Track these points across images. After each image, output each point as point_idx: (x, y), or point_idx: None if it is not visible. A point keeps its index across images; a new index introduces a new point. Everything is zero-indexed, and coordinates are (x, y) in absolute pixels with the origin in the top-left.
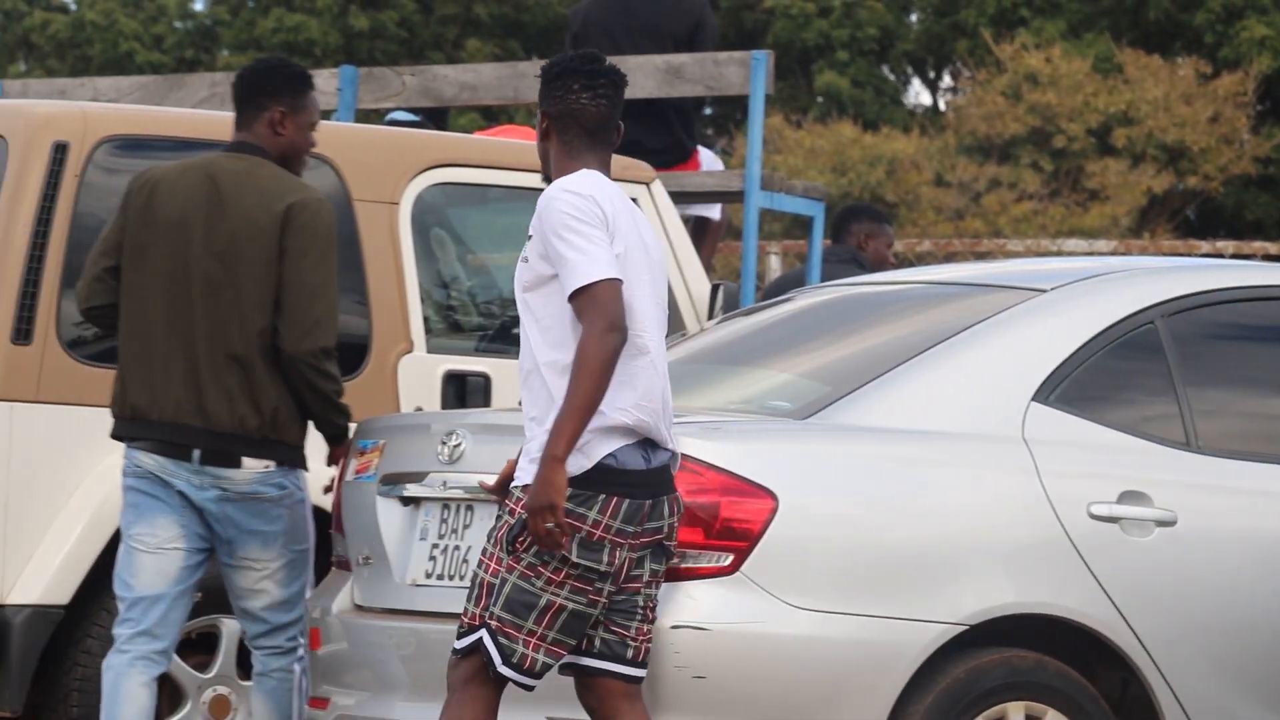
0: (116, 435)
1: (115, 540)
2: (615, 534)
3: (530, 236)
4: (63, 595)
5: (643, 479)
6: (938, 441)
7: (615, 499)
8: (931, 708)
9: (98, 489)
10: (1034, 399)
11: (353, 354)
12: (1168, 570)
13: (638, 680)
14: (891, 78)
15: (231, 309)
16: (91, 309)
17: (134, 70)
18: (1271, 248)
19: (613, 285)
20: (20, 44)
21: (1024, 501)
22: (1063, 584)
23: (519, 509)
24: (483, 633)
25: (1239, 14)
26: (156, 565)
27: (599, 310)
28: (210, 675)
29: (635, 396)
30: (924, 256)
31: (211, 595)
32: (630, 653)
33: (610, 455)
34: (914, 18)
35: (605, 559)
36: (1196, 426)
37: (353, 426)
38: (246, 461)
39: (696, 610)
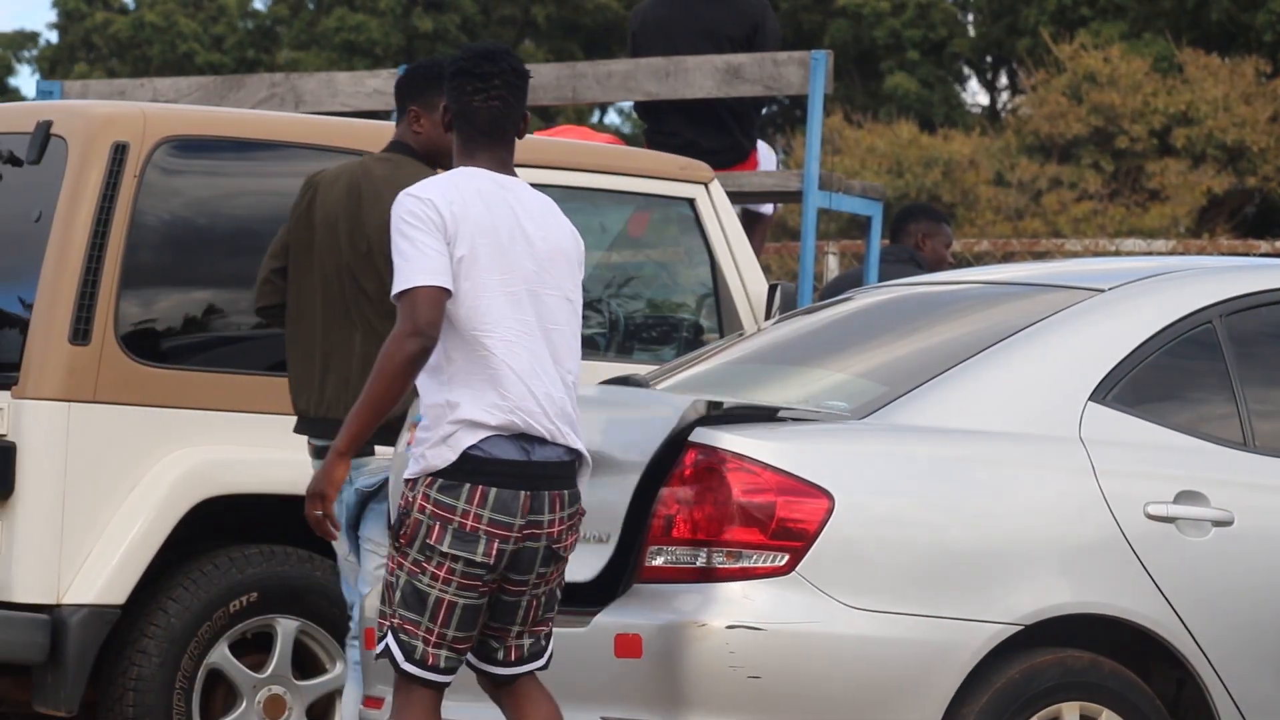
0: (297, 430)
1: (171, 540)
2: (489, 524)
3: None
4: (119, 595)
5: (517, 469)
6: (994, 441)
7: (481, 488)
8: (986, 708)
9: (154, 489)
10: (1091, 399)
11: None
12: (1224, 570)
13: (507, 680)
14: (950, 79)
15: (375, 307)
16: (261, 309)
17: (194, 70)
18: None
19: (427, 292)
20: (82, 44)
21: (1080, 501)
22: (1118, 584)
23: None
24: (389, 632)
25: None
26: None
27: (406, 315)
28: (265, 675)
29: (494, 397)
30: (982, 256)
31: (268, 595)
32: (501, 652)
33: (475, 446)
34: (970, 18)
35: (482, 550)
36: (1253, 426)
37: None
38: (378, 449)
39: (752, 610)
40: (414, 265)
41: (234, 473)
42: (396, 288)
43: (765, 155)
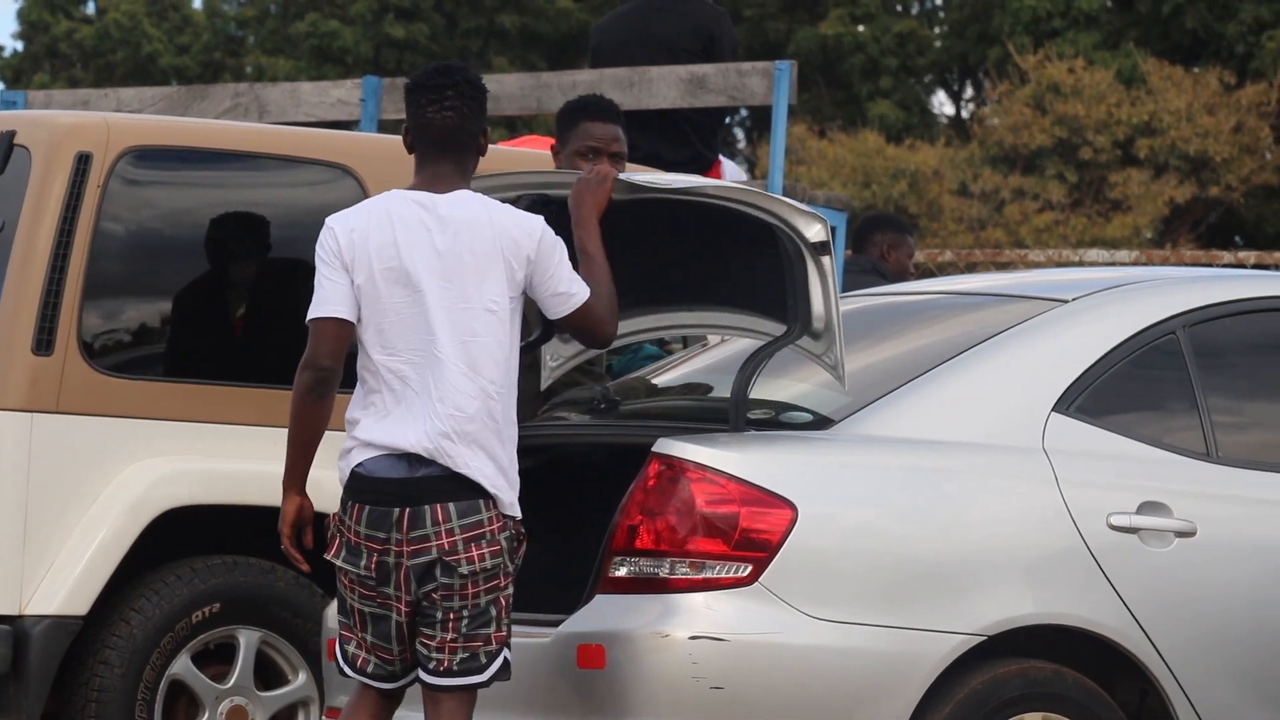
0: None
1: (134, 551)
2: (366, 539)
3: None
4: (81, 606)
5: (394, 487)
6: (958, 452)
7: (358, 505)
8: (949, 718)
9: (117, 500)
10: (1054, 409)
11: None
12: (1187, 581)
13: (444, 689)
14: (922, 93)
15: None
16: None
17: (158, 74)
18: None
19: (319, 326)
20: (46, 53)
21: (1043, 512)
22: (1082, 595)
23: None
24: (337, 640)
25: (1270, 25)
26: None
27: (306, 348)
28: (228, 686)
29: (388, 417)
30: (945, 267)
31: (230, 606)
32: (432, 663)
33: (361, 465)
34: (938, 30)
35: (363, 563)
36: (1217, 437)
37: None
38: None
39: (715, 621)
40: (315, 298)
41: (197, 484)
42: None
43: (729, 168)
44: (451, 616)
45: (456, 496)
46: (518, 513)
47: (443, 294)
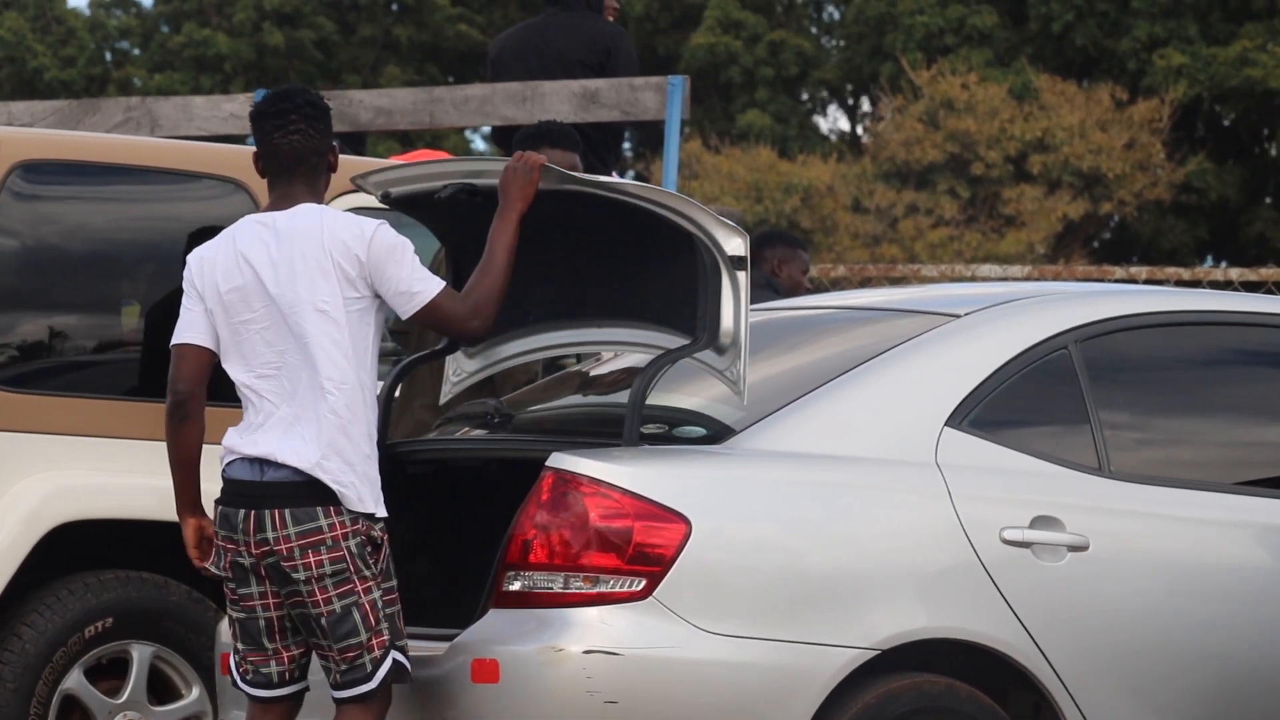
0: None
1: (26, 565)
2: (222, 539)
3: None
4: None
5: (242, 489)
6: (852, 466)
7: (216, 506)
8: None
9: (10, 514)
10: (947, 424)
11: None
12: (1079, 594)
13: (340, 701)
14: (809, 105)
15: None
16: None
17: (44, 89)
18: (1185, 274)
19: (176, 351)
20: None
21: (937, 526)
22: (975, 609)
23: None
24: None
25: (1163, 42)
26: None
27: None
28: (121, 700)
29: (242, 424)
30: (839, 282)
31: (123, 620)
32: (330, 678)
33: (224, 469)
34: (833, 44)
35: (220, 564)
36: (1109, 451)
37: None
38: None
39: (609, 635)
40: (176, 326)
41: (89, 498)
42: None
43: None
44: (316, 624)
45: (295, 503)
46: (373, 510)
47: (279, 303)
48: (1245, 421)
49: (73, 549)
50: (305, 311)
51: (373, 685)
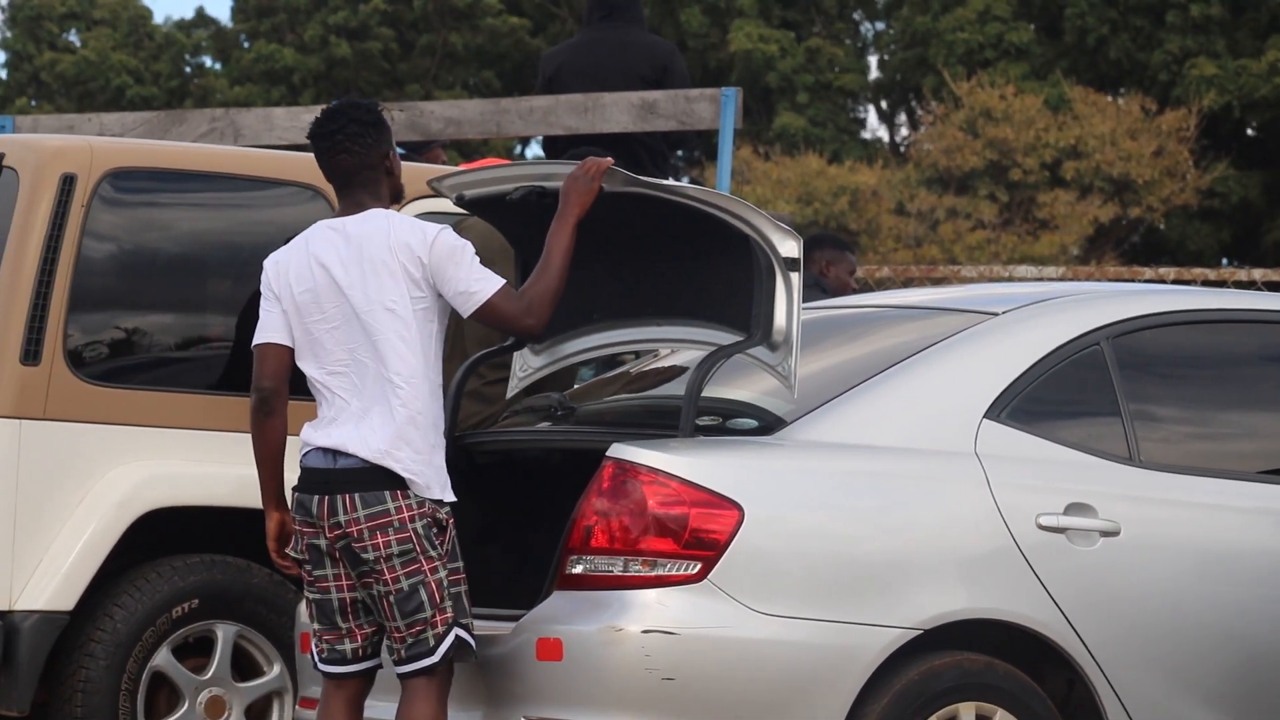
0: None
1: (117, 550)
2: (299, 524)
3: None
4: (68, 602)
5: (315, 477)
6: (895, 456)
7: (293, 493)
8: (887, 708)
9: (101, 502)
10: (986, 416)
11: None
12: (1111, 578)
13: (404, 675)
14: (853, 113)
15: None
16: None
17: (129, 103)
18: (1210, 274)
19: (258, 351)
20: (31, 81)
21: (976, 513)
22: (1012, 591)
23: None
24: None
25: (1193, 54)
26: None
27: None
28: (206, 677)
29: (317, 417)
30: (884, 282)
31: (208, 601)
32: (393, 655)
33: (302, 458)
34: (874, 59)
35: (299, 548)
36: (1139, 442)
37: None
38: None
39: (666, 615)
40: (257, 327)
41: (176, 486)
42: None
43: None
44: (384, 603)
45: (364, 487)
46: (439, 496)
47: (349, 304)
48: (1269, 413)
49: (161, 534)
50: (375, 311)
51: (435, 659)
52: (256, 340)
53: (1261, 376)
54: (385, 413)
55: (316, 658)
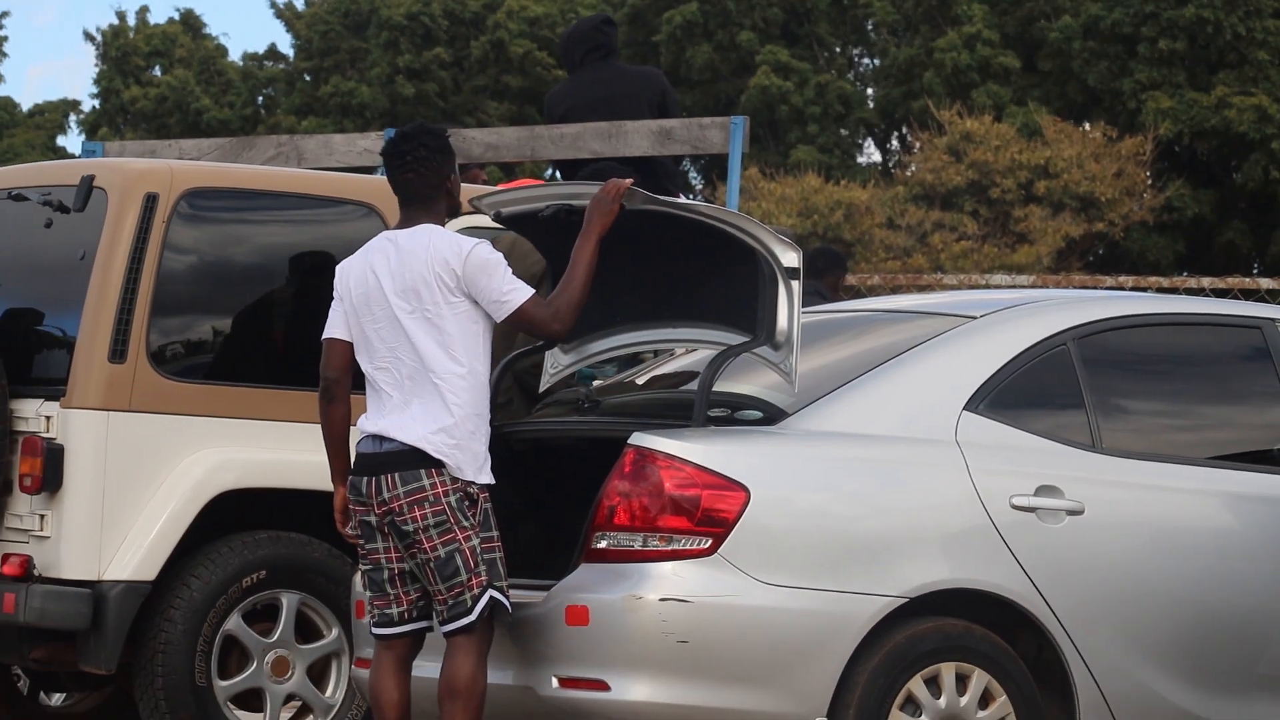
0: None
1: (194, 527)
2: (353, 503)
3: None
4: (150, 573)
5: (365, 460)
6: (885, 443)
7: (350, 476)
8: (878, 667)
9: (180, 484)
10: (965, 408)
11: None
12: (1076, 552)
13: (448, 634)
14: (850, 139)
15: None
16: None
17: (206, 129)
18: (1164, 282)
19: (325, 345)
20: (118, 111)
21: (956, 494)
22: (988, 564)
23: None
24: None
25: (1158, 84)
26: None
27: None
28: (273, 640)
29: (368, 406)
30: (874, 288)
31: (275, 572)
32: (437, 617)
33: (356, 444)
34: (870, 91)
35: (351, 524)
36: (1101, 431)
37: None
38: None
39: (681, 585)
40: (326, 323)
41: (246, 471)
42: None
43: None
44: (426, 569)
45: (403, 467)
46: (473, 478)
47: (396, 308)
48: (1216, 405)
49: (233, 513)
50: (414, 314)
51: (472, 618)
52: (325, 335)
53: (1209, 373)
54: (423, 404)
55: (369, 623)
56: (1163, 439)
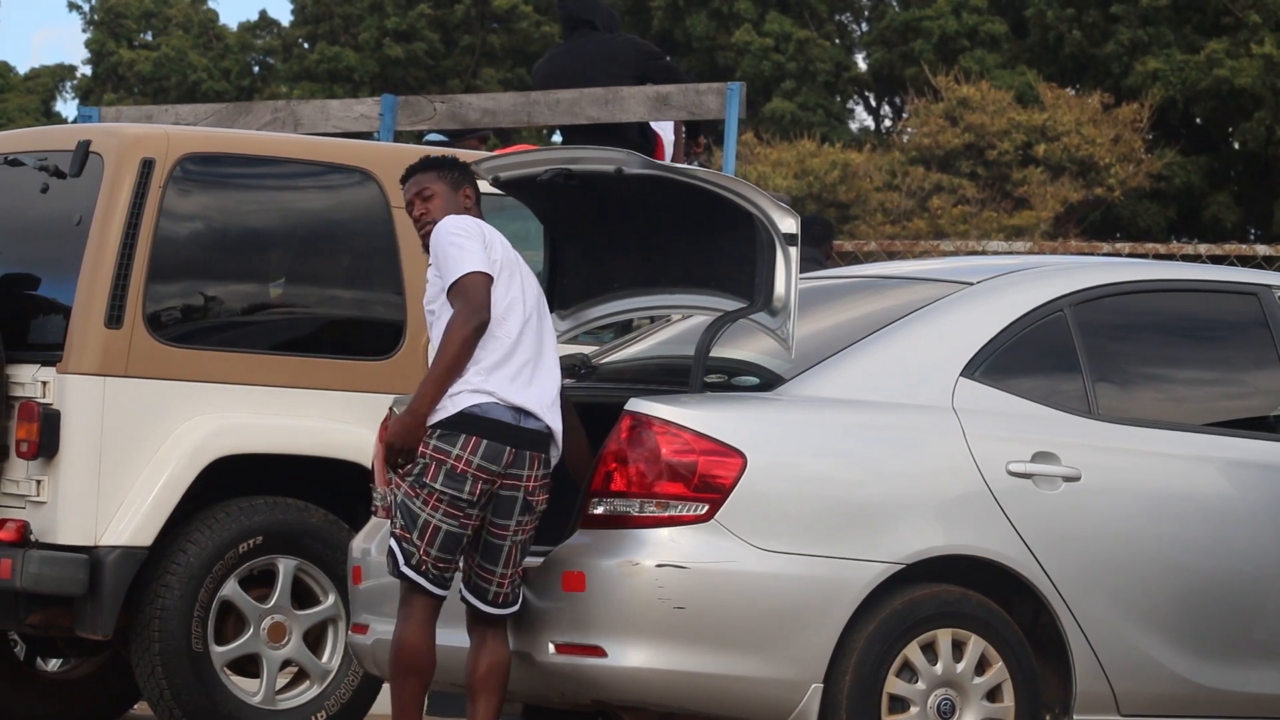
0: None
1: (190, 492)
2: (477, 469)
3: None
4: (147, 538)
5: (504, 430)
6: (881, 410)
7: (475, 439)
8: (874, 633)
9: (176, 449)
10: (962, 374)
11: (389, 337)
12: (1072, 518)
13: (494, 618)
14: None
15: None
16: None
17: (202, 97)
18: (1161, 248)
19: (479, 283)
20: (111, 75)
21: (953, 461)
22: (985, 530)
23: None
24: (391, 539)
25: (1144, 48)
26: None
27: (464, 299)
28: (269, 605)
29: (497, 370)
30: (871, 254)
31: (271, 538)
32: (490, 595)
33: (475, 405)
34: (861, 55)
35: (468, 489)
36: (1097, 397)
37: (389, 398)
38: None
39: (678, 551)
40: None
41: (243, 435)
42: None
43: (666, 130)
44: (514, 551)
45: (546, 450)
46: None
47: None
48: (1212, 372)
49: (229, 479)
50: (531, 307)
51: (517, 607)
52: (478, 269)
53: (1205, 338)
54: (545, 377)
55: (415, 571)
56: (1159, 405)
